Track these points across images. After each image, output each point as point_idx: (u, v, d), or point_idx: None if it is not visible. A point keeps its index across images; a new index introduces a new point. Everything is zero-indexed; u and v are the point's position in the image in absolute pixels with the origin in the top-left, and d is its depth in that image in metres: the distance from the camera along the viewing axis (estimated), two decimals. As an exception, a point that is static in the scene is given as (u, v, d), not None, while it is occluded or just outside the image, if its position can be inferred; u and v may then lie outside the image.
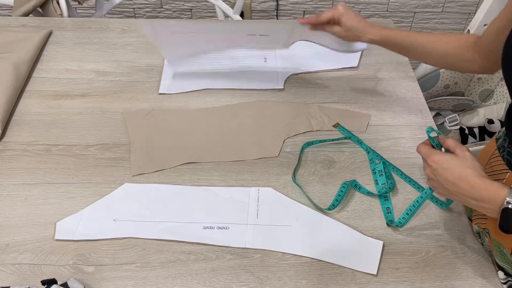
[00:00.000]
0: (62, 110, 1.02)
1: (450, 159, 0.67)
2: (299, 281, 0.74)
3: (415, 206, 0.78)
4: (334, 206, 0.83)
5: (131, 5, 2.08)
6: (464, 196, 0.65)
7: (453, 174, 0.65)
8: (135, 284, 0.73)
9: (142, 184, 0.87)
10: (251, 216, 0.82)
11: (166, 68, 1.13)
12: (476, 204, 0.64)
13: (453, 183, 0.66)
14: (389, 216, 0.82)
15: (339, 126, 0.97)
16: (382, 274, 0.75)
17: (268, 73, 1.12)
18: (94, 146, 0.94)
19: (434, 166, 0.68)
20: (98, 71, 1.12)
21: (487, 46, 0.79)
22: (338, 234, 0.80)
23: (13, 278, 0.74)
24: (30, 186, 0.87)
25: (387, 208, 0.83)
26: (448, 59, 0.86)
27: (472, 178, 0.64)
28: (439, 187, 0.69)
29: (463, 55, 0.83)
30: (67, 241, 0.78)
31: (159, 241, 0.79)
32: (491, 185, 0.62)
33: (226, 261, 0.76)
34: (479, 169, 0.65)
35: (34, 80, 1.09)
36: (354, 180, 0.87)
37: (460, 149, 0.68)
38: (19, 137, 0.96)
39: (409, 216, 0.79)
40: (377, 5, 2.07)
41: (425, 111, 1.03)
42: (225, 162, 0.92)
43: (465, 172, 0.65)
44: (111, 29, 1.24)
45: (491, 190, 0.62)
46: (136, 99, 1.05)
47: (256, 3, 2.06)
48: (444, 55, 0.85)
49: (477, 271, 0.75)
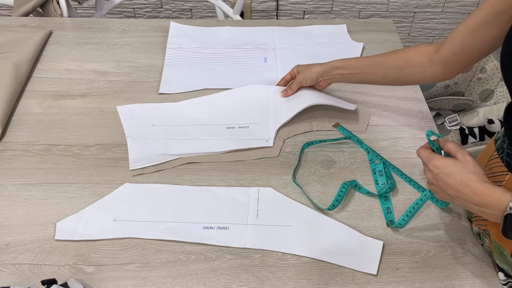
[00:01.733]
0: (62, 110, 1.02)
1: (452, 164, 0.66)
2: (299, 281, 0.74)
3: (414, 208, 0.78)
4: (334, 206, 0.83)
5: (131, 5, 2.08)
6: (466, 201, 0.65)
7: (455, 179, 0.65)
8: (135, 284, 0.73)
9: (142, 184, 0.87)
10: (251, 216, 0.82)
11: (166, 68, 1.13)
12: (478, 209, 0.64)
13: (455, 189, 0.65)
14: (389, 216, 0.82)
15: (339, 126, 0.97)
16: (382, 274, 0.75)
17: (268, 73, 1.12)
18: (94, 146, 0.94)
19: (435, 171, 0.68)
20: (98, 71, 1.12)
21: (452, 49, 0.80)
22: (338, 234, 0.80)
23: (13, 278, 0.74)
24: (30, 186, 0.87)
25: (387, 208, 0.83)
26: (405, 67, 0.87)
27: (474, 183, 0.63)
28: (440, 192, 0.69)
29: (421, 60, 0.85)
30: (67, 241, 0.78)
31: (159, 241, 0.79)
32: (494, 190, 0.62)
33: (226, 261, 0.76)
34: (481, 174, 0.65)
35: (34, 80, 1.09)
36: (354, 180, 0.87)
37: (462, 154, 0.67)
38: (19, 137, 0.96)
39: (408, 218, 0.79)
40: (377, 5, 2.07)
41: (425, 111, 1.03)
42: (225, 162, 0.92)
43: (467, 177, 0.64)
44: (111, 29, 1.24)
45: (494, 196, 0.62)
46: (136, 99, 1.05)
47: (256, 3, 2.06)
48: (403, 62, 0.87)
49: (477, 271, 0.75)
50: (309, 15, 2.11)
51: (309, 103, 0.97)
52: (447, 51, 0.81)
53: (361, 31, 1.25)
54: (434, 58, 0.83)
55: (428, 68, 0.85)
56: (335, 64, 0.95)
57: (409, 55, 0.87)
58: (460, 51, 0.79)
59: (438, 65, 0.83)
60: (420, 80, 0.90)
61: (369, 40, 1.22)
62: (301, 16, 2.11)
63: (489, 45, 0.76)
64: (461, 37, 0.78)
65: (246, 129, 0.97)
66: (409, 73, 0.88)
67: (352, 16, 2.11)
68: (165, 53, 1.16)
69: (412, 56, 0.87)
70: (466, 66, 0.82)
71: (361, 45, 1.20)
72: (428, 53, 0.84)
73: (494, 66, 1.28)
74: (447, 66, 0.83)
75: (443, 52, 0.82)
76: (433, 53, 0.84)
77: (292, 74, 1.02)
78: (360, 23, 1.29)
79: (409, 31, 2.19)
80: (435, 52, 0.83)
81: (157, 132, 0.96)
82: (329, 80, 0.97)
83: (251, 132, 0.96)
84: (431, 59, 0.84)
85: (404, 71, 0.88)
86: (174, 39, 1.20)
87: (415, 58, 0.86)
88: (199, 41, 1.20)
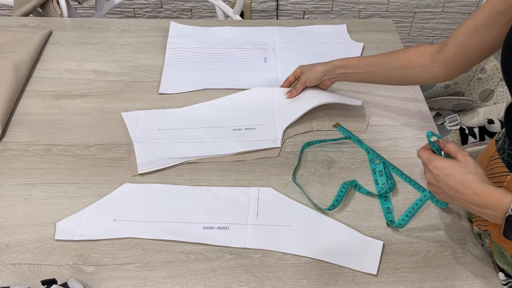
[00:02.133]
0: (62, 110, 1.02)
1: (452, 165, 0.66)
2: (299, 281, 0.74)
3: (414, 209, 0.78)
4: (334, 206, 0.83)
5: (131, 5, 2.08)
6: (466, 202, 0.65)
7: (456, 181, 0.65)
8: (135, 284, 0.73)
9: (142, 184, 0.87)
10: (251, 216, 0.82)
11: (166, 68, 1.13)
12: (479, 210, 0.64)
13: (455, 189, 0.65)
14: (389, 216, 0.82)
15: (339, 126, 0.97)
16: (382, 274, 0.75)
17: (268, 73, 1.12)
18: (94, 146, 0.94)
19: (435, 172, 0.67)
20: (98, 71, 1.12)
21: (454, 50, 0.80)
22: (338, 234, 0.80)
23: (13, 278, 0.74)
24: (30, 186, 0.87)
25: (387, 208, 0.83)
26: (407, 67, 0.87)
27: (475, 185, 0.63)
28: (440, 192, 0.68)
29: (423, 61, 0.85)
30: (67, 241, 0.78)
31: (159, 241, 0.79)
32: (495, 191, 0.62)
33: (226, 261, 0.76)
34: (482, 175, 0.64)
35: (34, 80, 1.09)
36: (354, 180, 0.87)
37: (462, 154, 0.67)
38: (19, 137, 0.96)
39: (408, 218, 0.79)
40: (377, 5, 2.07)
41: (425, 111, 1.03)
42: (225, 162, 0.92)
43: (467, 178, 0.64)
44: (111, 29, 1.24)
45: (495, 197, 0.62)
46: (136, 99, 1.05)
47: (256, 3, 2.06)
48: (404, 63, 0.87)
49: (477, 271, 0.75)
50: (309, 15, 2.11)
51: (315, 103, 0.97)
52: (449, 52, 0.81)
53: (361, 31, 1.25)
54: (436, 59, 0.83)
55: (430, 68, 0.85)
56: (337, 63, 0.95)
57: (410, 56, 0.87)
58: (462, 52, 0.79)
59: (440, 66, 0.83)
60: (421, 80, 0.90)
61: (369, 40, 1.22)
62: (301, 16, 2.11)
63: (490, 46, 0.76)
64: (462, 38, 0.78)
65: (253, 130, 0.97)
66: (410, 73, 0.88)
67: (352, 16, 2.11)
68: (165, 53, 1.16)
69: (414, 57, 0.87)
70: (468, 66, 0.82)
71: (361, 45, 1.20)
72: (430, 54, 0.84)
73: (494, 66, 1.28)
74: (449, 67, 0.83)
75: (445, 53, 0.82)
76: (435, 54, 0.84)
77: (295, 75, 1.02)
78: (360, 23, 1.29)
79: (409, 31, 2.19)
80: (437, 52, 0.83)
81: (163, 136, 0.96)
82: (333, 79, 0.98)
83: (258, 134, 0.96)
84: (433, 60, 0.84)
85: (406, 71, 0.88)
86: (174, 39, 1.20)
87: (416, 59, 0.86)
88: (199, 41, 1.20)
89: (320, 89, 1.01)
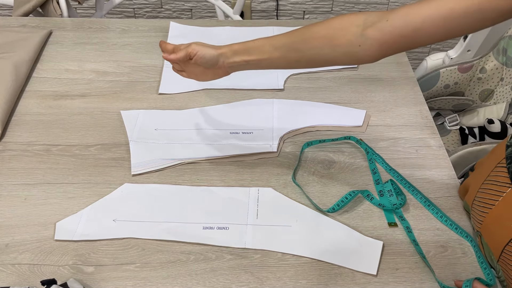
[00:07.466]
0: (62, 110, 1.02)
1: None
2: (299, 281, 0.74)
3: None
4: (334, 210, 0.83)
5: (131, 5, 2.08)
6: None
7: None
8: (135, 284, 0.73)
9: (142, 184, 0.87)
10: (251, 216, 0.82)
11: (166, 68, 1.13)
12: None
13: None
14: (392, 218, 0.82)
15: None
16: (382, 275, 0.75)
17: (268, 73, 1.12)
18: (94, 146, 0.94)
19: None
20: (98, 71, 1.12)
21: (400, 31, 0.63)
22: (338, 234, 0.80)
23: (13, 278, 0.74)
24: (30, 186, 0.87)
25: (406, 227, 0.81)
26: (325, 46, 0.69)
27: None
28: None
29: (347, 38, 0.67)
30: (67, 241, 0.78)
31: (159, 241, 0.79)
32: None
33: (226, 261, 0.76)
34: None
35: (34, 80, 1.09)
36: (367, 190, 0.86)
37: None
38: (19, 137, 0.96)
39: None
40: (377, 5, 2.07)
41: (425, 111, 1.03)
42: (225, 162, 0.92)
43: None
44: (111, 29, 1.24)
45: None
46: (136, 99, 1.05)
47: (256, 3, 2.06)
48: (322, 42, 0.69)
49: (477, 271, 0.75)
50: (309, 15, 2.10)
51: (315, 123, 0.98)
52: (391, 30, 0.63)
53: (361, 31, 1.25)
54: (367, 36, 0.65)
55: (355, 48, 0.66)
56: (238, 48, 0.76)
57: (331, 31, 0.68)
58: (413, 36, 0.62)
59: (371, 46, 0.65)
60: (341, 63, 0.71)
61: (369, 40, 1.22)
62: (301, 16, 2.11)
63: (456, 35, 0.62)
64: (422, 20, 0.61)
65: (250, 134, 0.97)
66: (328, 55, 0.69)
67: (352, 16, 2.11)
68: (165, 53, 1.16)
69: (335, 32, 0.68)
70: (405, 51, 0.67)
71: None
72: (356, 28, 0.66)
73: (494, 66, 1.28)
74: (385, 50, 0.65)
75: (383, 31, 0.63)
76: (362, 28, 0.65)
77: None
78: (360, 23, 1.28)
79: (409, 31, 2.18)
80: (367, 26, 0.65)
81: (160, 137, 0.96)
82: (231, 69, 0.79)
83: (255, 138, 0.96)
84: (361, 36, 0.65)
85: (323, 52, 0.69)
86: (174, 39, 1.20)
87: (338, 35, 0.67)
88: None
89: (323, 105, 1.00)
